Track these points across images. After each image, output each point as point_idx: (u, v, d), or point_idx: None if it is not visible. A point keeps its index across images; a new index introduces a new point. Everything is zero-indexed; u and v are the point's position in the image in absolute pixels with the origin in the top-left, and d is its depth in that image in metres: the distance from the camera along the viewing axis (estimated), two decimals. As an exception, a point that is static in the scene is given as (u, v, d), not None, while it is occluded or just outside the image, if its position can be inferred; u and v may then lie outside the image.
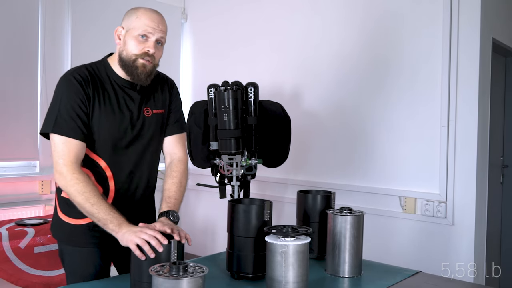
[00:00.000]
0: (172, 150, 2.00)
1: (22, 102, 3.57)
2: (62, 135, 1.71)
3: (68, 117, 1.72)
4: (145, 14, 1.78)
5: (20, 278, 2.85)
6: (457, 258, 3.10)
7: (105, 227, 1.64)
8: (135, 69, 1.78)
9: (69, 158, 1.70)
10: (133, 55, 1.77)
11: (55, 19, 3.76)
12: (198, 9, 4.63)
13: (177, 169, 1.94)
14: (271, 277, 1.56)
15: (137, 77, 1.80)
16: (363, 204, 3.39)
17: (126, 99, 1.84)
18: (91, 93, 1.76)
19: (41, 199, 3.65)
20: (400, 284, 1.79)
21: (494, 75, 3.42)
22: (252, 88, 3.05)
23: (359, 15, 3.55)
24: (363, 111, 3.51)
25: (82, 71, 1.80)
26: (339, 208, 1.90)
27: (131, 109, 1.85)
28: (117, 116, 1.81)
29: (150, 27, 1.77)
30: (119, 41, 1.81)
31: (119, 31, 1.82)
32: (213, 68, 4.43)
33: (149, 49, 1.78)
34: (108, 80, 1.83)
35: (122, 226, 1.60)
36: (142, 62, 1.78)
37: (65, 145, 1.71)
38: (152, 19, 1.78)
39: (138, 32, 1.76)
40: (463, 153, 3.10)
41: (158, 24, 1.79)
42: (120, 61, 1.81)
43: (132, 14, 1.80)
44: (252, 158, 3.11)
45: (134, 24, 1.77)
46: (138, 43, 1.77)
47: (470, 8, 3.08)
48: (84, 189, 1.66)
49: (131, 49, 1.77)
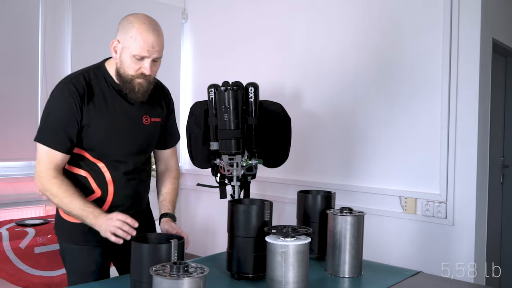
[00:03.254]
0: (169, 160, 2.08)
1: (22, 102, 3.57)
2: (44, 145, 1.75)
3: (54, 128, 1.74)
4: (140, 34, 1.71)
5: (21, 278, 2.85)
6: (457, 258, 3.10)
7: (84, 221, 1.71)
8: (132, 88, 1.78)
9: (46, 166, 1.74)
10: (130, 75, 1.76)
11: (55, 20, 3.76)
12: (199, 9, 4.63)
13: (176, 176, 2.07)
14: (271, 277, 1.56)
15: (134, 95, 1.80)
16: (363, 204, 3.39)
17: (124, 105, 1.84)
18: (85, 106, 1.75)
19: (41, 200, 3.65)
20: (400, 284, 1.79)
21: (494, 75, 3.42)
22: (253, 88, 3.05)
23: (359, 16, 3.56)
24: (363, 111, 3.51)
25: (79, 80, 1.77)
26: (339, 208, 1.90)
27: (129, 115, 1.85)
28: (116, 121, 1.81)
29: (146, 50, 1.72)
30: (115, 55, 1.78)
31: (115, 45, 1.78)
32: (213, 68, 4.43)
33: (145, 71, 1.76)
34: (107, 86, 1.82)
35: (99, 218, 1.67)
36: (138, 81, 1.77)
37: (46, 154, 1.75)
38: (147, 41, 1.71)
39: (133, 53, 1.73)
40: (464, 153, 3.10)
41: (154, 46, 1.73)
42: (118, 76, 1.80)
43: (127, 30, 1.74)
44: (253, 158, 3.11)
45: (129, 44, 1.73)
46: (134, 63, 1.74)
47: (470, 9, 3.08)
48: (57, 191, 1.72)
49: (127, 68, 1.76)
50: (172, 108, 2.07)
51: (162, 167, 2.07)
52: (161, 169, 2.07)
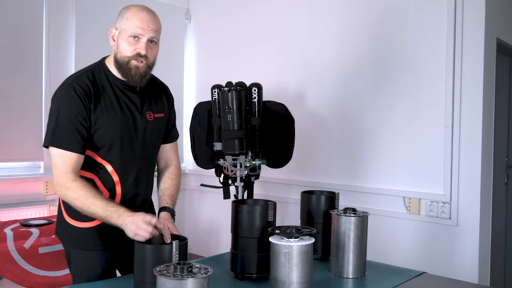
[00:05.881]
0: (169, 157, 2.06)
1: (26, 103, 3.58)
2: (59, 148, 1.72)
3: (66, 130, 1.72)
4: (135, 14, 1.75)
5: (25, 278, 2.86)
6: (461, 259, 3.09)
7: (109, 223, 1.68)
8: (129, 70, 1.78)
9: (64, 169, 1.71)
10: (126, 57, 1.77)
11: (59, 20, 3.77)
12: (202, 10, 4.63)
13: (176, 172, 2.03)
14: (275, 278, 1.56)
15: (131, 79, 1.79)
16: (367, 205, 3.39)
17: (127, 102, 1.84)
18: (92, 106, 1.75)
19: (45, 200, 3.66)
20: (404, 285, 1.78)
21: (498, 75, 3.41)
22: (256, 88, 3.05)
23: (362, 15, 3.55)
24: (367, 111, 3.51)
25: (83, 81, 1.77)
26: (343, 209, 1.90)
27: (132, 112, 1.85)
28: (121, 119, 1.81)
29: (140, 28, 1.74)
30: (113, 42, 1.80)
31: (113, 33, 1.81)
32: (217, 69, 4.43)
33: (141, 51, 1.76)
34: (108, 84, 1.82)
35: (123, 218, 1.64)
36: (135, 63, 1.77)
37: (62, 158, 1.72)
38: (142, 19, 1.75)
39: (129, 33, 1.75)
40: (468, 154, 3.09)
41: (149, 24, 1.75)
42: (115, 63, 1.81)
43: (123, 15, 1.78)
44: (256, 159, 3.11)
45: (125, 26, 1.76)
46: (130, 45, 1.76)
47: (474, 8, 3.07)
48: (79, 194, 1.69)
49: (123, 50, 1.77)
50: (172, 103, 2.07)
51: (163, 164, 2.06)
52: (161, 166, 2.06)
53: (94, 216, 1.70)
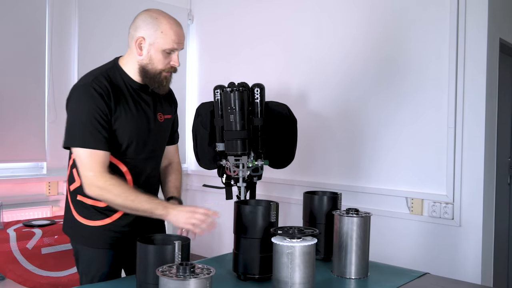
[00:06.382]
0: (173, 156, 2.12)
1: (29, 103, 3.59)
2: (87, 147, 1.72)
3: (93, 129, 1.72)
4: (170, 29, 1.78)
5: (28, 279, 2.87)
6: (464, 259, 3.08)
7: (152, 215, 1.73)
8: (160, 83, 1.83)
9: (98, 169, 1.72)
10: (159, 69, 1.81)
11: (62, 20, 3.77)
12: (205, 10, 4.63)
13: (179, 168, 2.12)
14: (278, 278, 1.56)
15: (162, 89, 1.85)
16: (369, 205, 3.38)
17: (142, 103, 1.86)
18: (112, 105, 1.76)
19: (48, 200, 3.67)
20: (407, 286, 1.78)
21: (501, 75, 3.40)
22: (258, 89, 3.05)
23: (365, 16, 3.55)
24: (369, 112, 3.50)
25: (101, 81, 1.77)
26: (345, 209, 1.90)
27: (146, 113, 1.87)
28: (137, 120, 1.83)
29: (176, 43, 1.80)
30: (140, 51, 1.79)
31: (140, 41, 1.79)
32: (219, 69, 4.43)
33: (175, 64, 1.83)
34: (124, 85, 1.83)
35: (169, 209, 1.72)
36: (165, 75, 1.84)
37: (92, 157, 1.72)
38: (177, 34, 1.80)
39: (164, 47, 1.78)
40: (470, 154, 3.09)
41: (181, 39, 1.82)
42: (144, 72, 1.82)
43: (154, 26, 1.77)
44: (259, 159, 3.11)
45: (160, 40, 1.77)
46: (164, 58, 1.80)
47: (477, 8, 3.06)
48: (120, 191, 1.72)
49: (157, 63, 1.80)
50: (177, 105, 2.10)
51: (166, 163, 2.09)
52: (164, 164, 2.09)
53: (136, 210, 1.73)
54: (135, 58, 1.82)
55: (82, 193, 1.79)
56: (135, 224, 1.87)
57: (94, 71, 1.84)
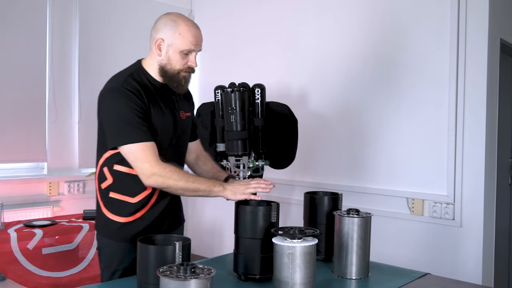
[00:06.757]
0: (198, 149, 2.22)
1: (30, 104, 3.59)
2: (138, 142, 1.77)
3: (137, 124, 1.78)
4: (188, 31, 1.84)
5: (29, 279, 2.87)
6: (465, 260, 3.08)
7: (210, 193, 1.84)
8: (178, 82, 1.89)
9: (152, 159, 1.78)
10: (177, 70, 1.87)
11: (62, 21, 3.78)
12: (205, 10, 4.64)
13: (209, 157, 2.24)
14: (278, 279, 1.56)
15: (180, 88, 1.91)
16: (370, 206, 3.38)
17: (167, 102, 1.92)
18: (146, 102, 1.82)
19: (49, 201, 3.67)
20: (407, 286, 1.78)
21: (502, 75, 3.39)
22: (259, 89, 3.05)
23: (366, 16, 3.55)
24: (370, 112, 3.50)
25: (130, 82, 1.83)
26: (346, 210, 1.90)
27: (172, 111, 1.93)
28: (167, 118, 1.90)
29: (194, 45, 1.86)
30: (160, 52, 1.86)
31: (160, 43, 1.86)
32: (219, 70, 4.43)
33: (192, 65, 1.88)
34: (150, 85, 1.89)
35: (225, 186, 1.85)
36: (184, 75, 1.89)
37: (145, 150, 1.78)
38: (195, 36, 1.86)
39: (182, 48, 1.84)
40: (471, 154, 3.09)
41: (199, 40, 1.88)
42: (163, 73, 1.88)
43: (173, 28, 1.84)
44: (259, 160, 3.11)
45: (178, 41, 1.84)
46: (182, 58, 1.86)
47: (478, 9, 3.06)
48: (179, 176, 1.80)
49: (175, 63, 1.86)
50: (193, 103, 2.17)
51: (193, 156, 2.18)
52: (192, 158, 2.17)
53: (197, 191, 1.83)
54: (155, 59, 1.89)
55: (115, 189, 1.86)
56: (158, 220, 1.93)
57: (120, 74, 1.90)
